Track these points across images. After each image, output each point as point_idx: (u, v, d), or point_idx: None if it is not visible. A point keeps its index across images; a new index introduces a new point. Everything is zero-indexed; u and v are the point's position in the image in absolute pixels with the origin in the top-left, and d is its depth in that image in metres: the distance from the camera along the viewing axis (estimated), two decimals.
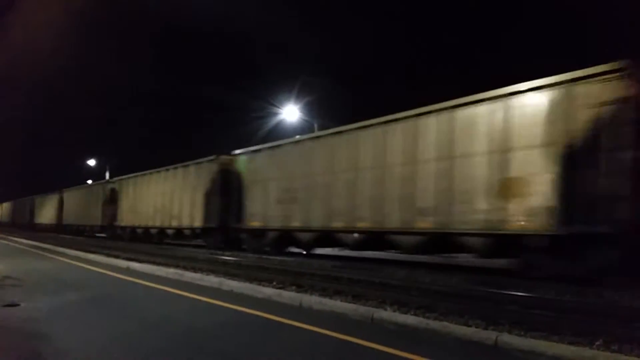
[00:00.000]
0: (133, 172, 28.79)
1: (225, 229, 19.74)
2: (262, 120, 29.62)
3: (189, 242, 23.35)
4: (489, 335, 5.45)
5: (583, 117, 9.43)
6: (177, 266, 13.00)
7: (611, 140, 9.01)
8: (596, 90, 9.33)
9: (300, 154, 16.36)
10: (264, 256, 16.31)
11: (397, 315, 6.63)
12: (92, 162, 57.04)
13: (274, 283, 9.69)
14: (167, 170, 24.60)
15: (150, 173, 26.46)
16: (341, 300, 7.74)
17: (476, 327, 5.94)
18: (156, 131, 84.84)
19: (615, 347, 5.09)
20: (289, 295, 8.22)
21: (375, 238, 13.52)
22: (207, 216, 20.77)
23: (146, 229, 26.25)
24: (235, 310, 7.35)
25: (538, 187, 9.94)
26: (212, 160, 20.94)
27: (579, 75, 9.62)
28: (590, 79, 9.44)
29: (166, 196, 24.20)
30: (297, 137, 17.80)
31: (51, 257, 17.25)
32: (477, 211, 10.92)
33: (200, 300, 8.23)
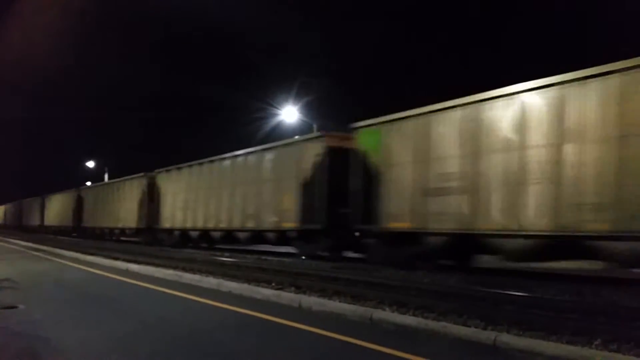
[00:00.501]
0: (132, 173, 29.01)
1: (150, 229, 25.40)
2: (261, 121, 29.67)
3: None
4: (487, 336, 5.45)
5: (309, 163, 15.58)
6: (175, 268, 12.99)
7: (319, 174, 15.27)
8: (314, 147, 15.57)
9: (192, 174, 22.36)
10: (263, 257, 16.36)
11: (396, 315, 6.64)
12: (90, 164, 56.97)
13: (273, 284, 9.68)
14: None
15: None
16: (340, 301, 7.74)
17: (475, 327, 5.93)
18: (155, 132, 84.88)
19: (613, 346, 5.09)
20: (288, 296, 8.22)
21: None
22: (139, 219, 26.62)
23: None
24: (234, 312, 7.35)
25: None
26: (141, 176, 26.99)
27: (307, 138, 16.89)
28: (312, 140, 16.17)
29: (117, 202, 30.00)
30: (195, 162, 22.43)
31: (50, 258, 17.24)
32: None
33: (199, 301, 8.23)
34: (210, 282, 10.12)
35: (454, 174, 11.33)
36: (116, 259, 15.89)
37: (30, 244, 25.07)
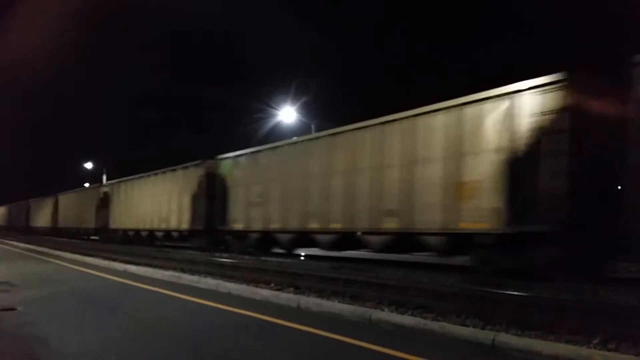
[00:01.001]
0: (130, 174, 28.83)
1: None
2: (260, 121, 29.66)
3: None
4: (486, 335, 5.45)
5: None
6: (174, 269, 12.97)
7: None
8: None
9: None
10: (262, 257, 16.34)
11: (394, 315, 6.63)
12: (89, 165, 56.93)
13: (272, 285, 9.67)
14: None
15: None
16: (339, 301, 7.74)
17: (473, 327, 5.93)
18: (154, 133, 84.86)
19: (612, 345, 5.09)
20: (286, 297, 8.21)
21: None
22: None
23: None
24: (233, 312, 7.35)
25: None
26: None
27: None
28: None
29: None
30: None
31: (49, 260, 17.22)
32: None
33: (197, 302, 8.22)
34: (209, 283, 10.11)
35: (259, 193, 17.71)
36: (114, 260, 15.87)
37: (30, 246, 25.00)
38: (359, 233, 13.84)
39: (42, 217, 44.44)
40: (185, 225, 22.14)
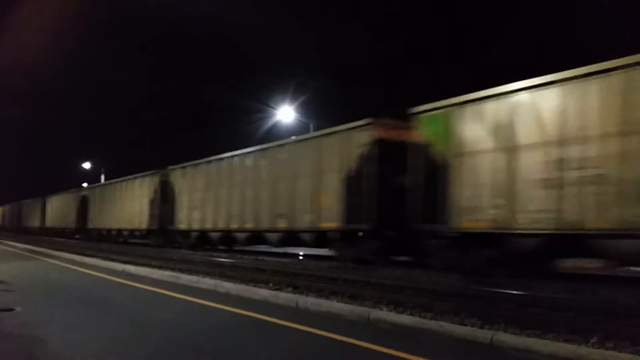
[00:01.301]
0: (130, 174, 28.91)
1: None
2: (258, 120, 29.69)
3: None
4: (484, 334, 5.47)
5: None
6: (172, 269, 12.98)
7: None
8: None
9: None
10: (260, 257, 16.37)
11: (393, 315, 6.65)
12: (87, 165, 56.88)
13: (270, 284, 9.68)
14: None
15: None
16: (337, 301, 7.75)
17: (472, 326, 5.96)
18: (152, 133, 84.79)
19: (610, 344, 5.11)
20: (285, 297, 8.22)
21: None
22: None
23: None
24: (232, 312, 7.35)
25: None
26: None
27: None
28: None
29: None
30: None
31: (47, 260, 17.21)
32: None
33: (196, 302, 8.22)
34: (207, 283, 10.11)
35: (199, 199, 21.06)
36: (113, 260, 15.86)
37: (27, 246, 25.00)
38: (263, 231, 17.29)
39: (32, 218, 47.62)
40: (144, 225, 25.46)
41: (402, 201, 12.19)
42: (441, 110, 11.55)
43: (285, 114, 28.45)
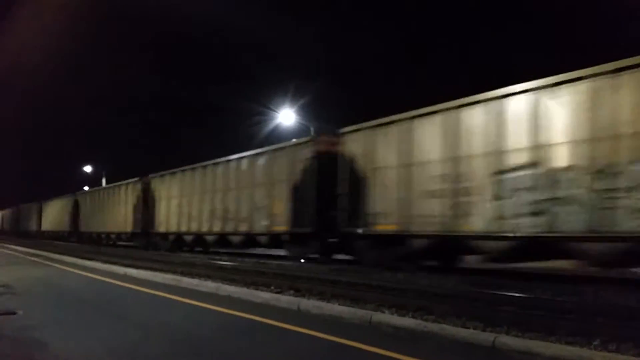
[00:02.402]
0: (131, 177, 28.98)
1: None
2: (259, 123, 29.74)
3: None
4: (486, 337, 5.45)
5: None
6: (174, 272, 12.96)
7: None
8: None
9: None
10: (261, 260, 16.38)
11: (395, 317, 6.63)
12: (88, 169, 56.89)
13: (272, 287, 9.67)
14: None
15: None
16: (339, 304, 7.73)
17: (474, 329, 5.94)
18: (152, 135, 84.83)
19: (612, 346, 5.10)
20: (286, 300, 8.21)
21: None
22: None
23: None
24: (233, 315, 7.35)
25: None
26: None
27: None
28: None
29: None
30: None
31: (48, 264, 17.20)
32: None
33: (198, 305, 8.22)
34: (208, 286, 10.10)
35: (175, 204, 23.38)
36: (114, 263, 15.86)
37: (27, 249, 25.02)
38: (228, 234, 19.33)
39: (30, 222, 49.08)
40: (129, 229, 27.34)
41: (335, 207, 14.41)
42: (360, 132, 13.95)
43: (286, 116, 28.48)
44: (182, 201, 22.61)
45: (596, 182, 9.10)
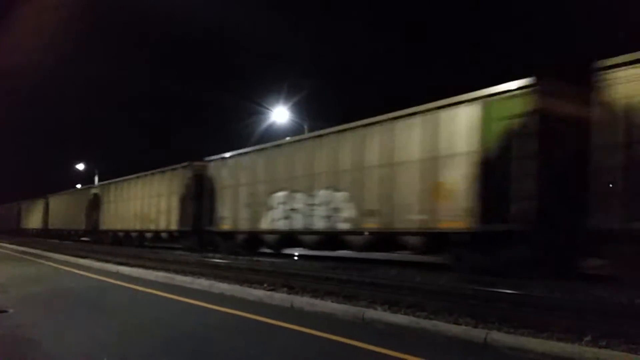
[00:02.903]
0: (124, 175, 28.75)
1: None
2: (254, 121, 29.70)
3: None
4: (478, 334, 5.48)
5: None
6: (167, 270, 12.94)
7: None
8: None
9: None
10: (255, 258, 16.37)
11: (387, 314, 6.65)
12: (80, 166, 56.61)
13: (265, 285, 9.67)
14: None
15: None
16: (332, 301, 7.74)
17: (466, 326, 5.97)
18: (147, 133, 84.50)
19: (603, 342, 5.14)
20: (280, 297, 8.21)
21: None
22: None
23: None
24: (226, 313, 7.34)
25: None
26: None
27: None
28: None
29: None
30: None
31: (41, 262, 17.12)
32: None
33: (190, 303, 8.20)
34: (202, 283, 10.09)
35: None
36: (107, 261, 15.81)
37: (22, 248, 24.87)
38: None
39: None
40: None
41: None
42: (211, 163, 20.75)
43: (280, 114, 28.47)
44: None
45: (308, 200, 15.45)
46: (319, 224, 14.97)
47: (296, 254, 18.21)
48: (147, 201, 25.33)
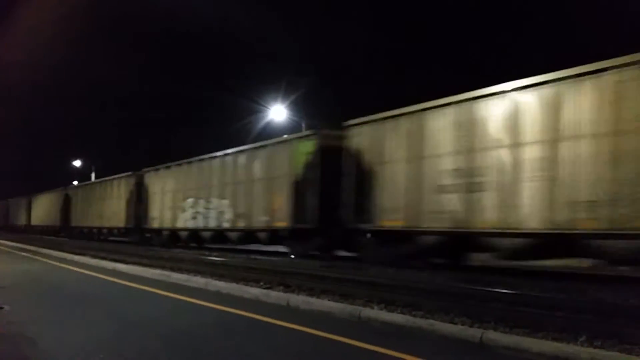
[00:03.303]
0: (119, 172, 28.88)
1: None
2: (251, 119, 29.72)
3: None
4: (474, 333, 5.49)
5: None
6: (163, 267, 12.93)
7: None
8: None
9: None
10: (252, 256, 16.38)
11: (384, 313, 6.67)
12: (77, 163, 56.50)
13: (261, 283, 9.67)
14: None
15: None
16: (328, 300, 7.75)
17: (462, 325, 5.99)
18: (143, 131, 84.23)
19: (598, 342, 5.16)
20: (276, 295, 8.21)
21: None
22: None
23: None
24: (222, 311, 7.34)
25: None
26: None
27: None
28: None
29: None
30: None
31: (37, 259, 17.09)
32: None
33: (186, 301, 8.20)
34: (198, 281, 10.09)
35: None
36: (103, 258, 15.78)
37: (16, 244, 24.83)
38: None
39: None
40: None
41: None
42: (147, 174, 24.86)
43: (278, 112, 28.48)
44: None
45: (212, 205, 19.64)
46: (212, 223, 19.76)
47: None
48: (106, 202, 29.72)
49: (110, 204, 28.90)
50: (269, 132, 28.55)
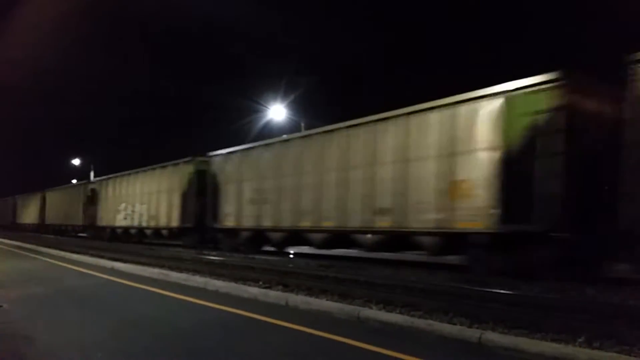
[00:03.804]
0: (118, 171, 28.65)
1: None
2: (251, 119, 29.74)
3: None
4: (473, 333, 5.49)
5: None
6: (162, 266, 12.92)
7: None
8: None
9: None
10: (250, 255, 16.35)
11: (382, 313, 6.66)
12: (76, 162, 56.47)
13: (260, 282, 9.67)
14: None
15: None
16: (327, 299, 7.75)
17: (460, 325, 5.98)
18: (143, 130, 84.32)
19: (596, 343, 5.15)
20: (275, 295, 8.21)
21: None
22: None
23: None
24: (221, 310, 7.33)
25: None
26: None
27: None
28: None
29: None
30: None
31: (36, 257, 17.07)
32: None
33: (185, 300, 8.19)
34: (197, 280, 10.08)
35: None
36: (102, 257, 15.76)
37: (18, 243, 24.80)
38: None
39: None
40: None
41: None
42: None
43: (277, 112, 28.48)
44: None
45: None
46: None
47: (291, 252, 18.19)
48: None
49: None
50: (269, 132, 28.56)
